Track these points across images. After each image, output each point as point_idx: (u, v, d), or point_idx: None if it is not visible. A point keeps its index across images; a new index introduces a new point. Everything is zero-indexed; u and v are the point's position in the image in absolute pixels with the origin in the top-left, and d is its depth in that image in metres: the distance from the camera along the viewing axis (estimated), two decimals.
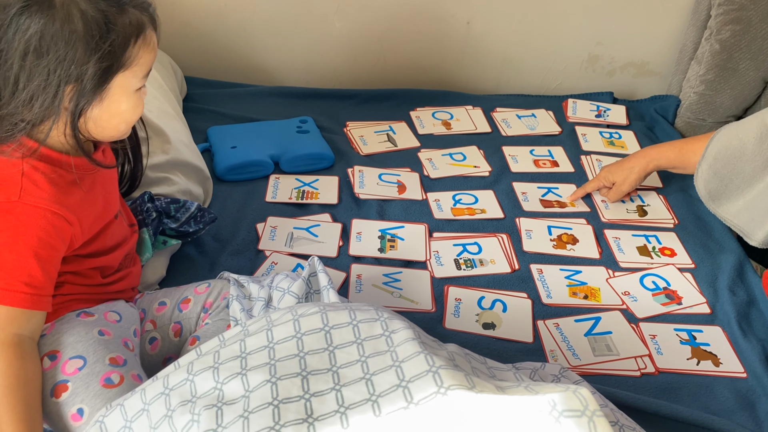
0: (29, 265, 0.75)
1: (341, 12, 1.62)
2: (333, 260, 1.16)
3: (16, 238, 0.75)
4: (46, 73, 0.72)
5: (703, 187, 1.20)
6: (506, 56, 1.71)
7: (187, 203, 1.11)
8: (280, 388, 0.67)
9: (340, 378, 0.68)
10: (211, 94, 1.58)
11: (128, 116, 0.80)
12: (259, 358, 0.71)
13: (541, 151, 1.48)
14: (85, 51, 0.72)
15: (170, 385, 0.71)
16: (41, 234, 0.76)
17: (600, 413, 0.59)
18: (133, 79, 0.78)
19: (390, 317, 0.75)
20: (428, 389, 0.63)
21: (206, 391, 0.69)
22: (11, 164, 0.77)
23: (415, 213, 1.28)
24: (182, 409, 0.68)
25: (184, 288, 0.98)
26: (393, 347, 0.70)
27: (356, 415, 0.63)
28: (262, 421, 0.64)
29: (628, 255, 1.22)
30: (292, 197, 1.29)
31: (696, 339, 1.06)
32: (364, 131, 1.51)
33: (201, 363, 0.72)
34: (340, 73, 1.71)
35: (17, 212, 0.76)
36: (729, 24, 1.50)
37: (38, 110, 0.74)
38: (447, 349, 0.75)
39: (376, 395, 0.65)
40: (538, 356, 1.01)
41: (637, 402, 0.93)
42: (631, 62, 1.73)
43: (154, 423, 0.69)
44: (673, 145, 1.27)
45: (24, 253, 0.75)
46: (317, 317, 0.75)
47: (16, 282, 0.75)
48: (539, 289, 1.14)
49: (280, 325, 0.74)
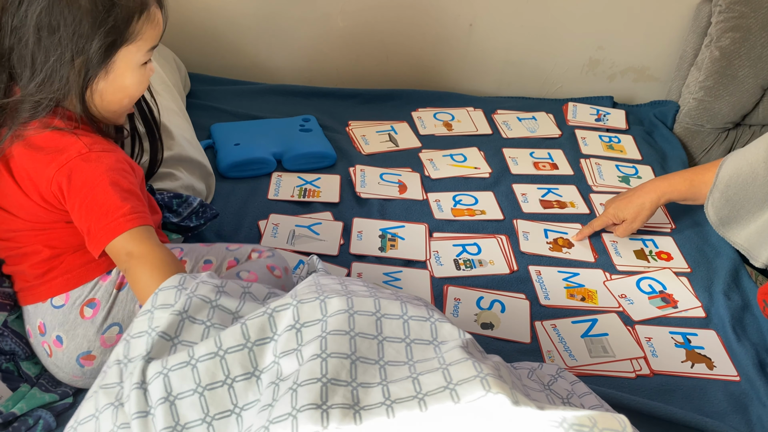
0: (127, 192, 0.81)
1: (345, 12, 1.63)
2: (334, 258, 1.17)
3: (104, 183, 0.80)
4: (60, 49, 0.77)
5: (713, 214, 1.18)
6: (508, 59, 1.72)
7: (190, 198, 1.12)
8: (329, 365, 0.67)
9: (387, 375, 0.68)
10: (214, 91, 1.59)
11: (132, 91, 0.84)
12: (312, 332, 0.71)
13: (541, 153, 1.49)
14: (92, 26, 0.77)
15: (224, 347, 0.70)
16: (120, 170, 0.82)
17: None
18: (137, 53, 0.82)
19: (440, 319, 0.75)
20: (476, 392, 0.64)
21: (267, 365, 0.69)
22: (60, 133, 0.82)
23: (415, 213, 1.29)
24: (245, 383, 0.69)
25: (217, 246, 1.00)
26: (441, 353, 0.71)
27: (403, 409, 0.64)
28: (310, 396, 0.64)
29: (625, 258, 1.23)
30: (294, 195, 1.30)
31: (691, 342, 1.08)
32: (366, 131, 1.52)
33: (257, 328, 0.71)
34: (343, 73, 1.72)
35: (93, 160, 0.81)
36: (729, 31, 1.51)
37: (59, 86, 0.78)
38: (492, 360, 0.75)
39: (423, 393, 0.65)
40: (535, 356, 1.03)
41: (633, 403, 0.94)
42: (632, 67, 1.74)
43: None
44: (683, 176, 1.21)
45: (116, 191, 0.80)
46: (370, 301, 0.74)
47: (131, 209, 0.80)
48: (537, 290, 1.15)
49: (334, 297, 0.73)
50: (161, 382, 0.67)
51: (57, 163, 0.81)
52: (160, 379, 0.67)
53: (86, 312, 0.87)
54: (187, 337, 0.72)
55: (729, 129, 1.64)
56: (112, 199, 0.80)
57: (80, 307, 0.87)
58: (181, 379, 0.68)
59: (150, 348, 0.70)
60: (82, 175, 0.80)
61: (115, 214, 0.79)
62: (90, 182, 0.80)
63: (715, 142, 1.64)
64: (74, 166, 0.80)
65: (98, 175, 0.80)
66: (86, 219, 0.80)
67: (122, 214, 0.79)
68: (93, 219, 0.80)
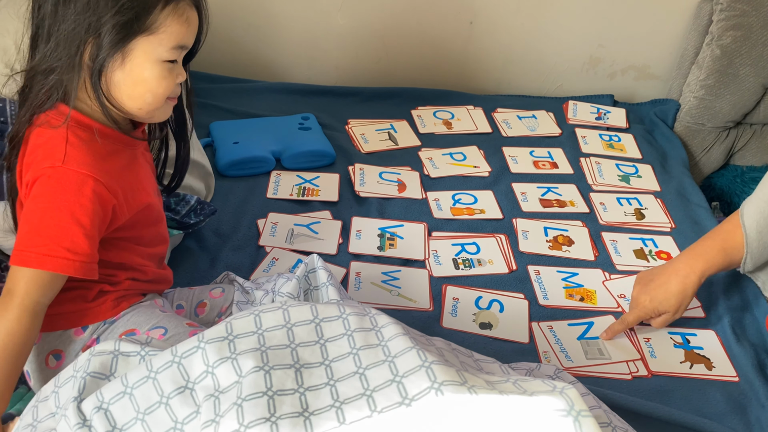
0: (71, 231, 0.75)
1: (345, 9, 1.63)
2: (333, 257, 1.17)
3: (59, 203, 0.75)
4: (73, 22, 0.74)
5: (752, 265, 1.09)
6: (508, 57, 1.72)
7: (187, 197, 1.12)
8: (273, 378, 0.67)
9: (334, 372, 0.69)
10: (213, 89, 1.58)
11: (153, 85, 0.78)
12: (248, 342, 0.70)
13: (541, 152, 1.49)
14: (106, 3, 0.74)
15: (155, 368, 0.70)
16: (83, 200, 0.76)
17: (587, 413, 0.60)
18: (158, 47, 0.77)
19: (377, 313, 0.76)
20: (422, 384, 0.64)
21: (198, 375, 0.69)
22: (57, 134, 0.78)
23: (414, 212, 1.29)
24: (180, 398, 0.68)
25: (199, 290, 0.98)
26: (384, 341, 0.71)
27: (352, 410, 0.64)
28: (257, 411, 0.64)
29: (625, 258, 1.23)
30: (293, 194, 1.30)
31: (690, 342, 1.08)
32: (366, 129, 1.51)
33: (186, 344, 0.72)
34: (343, 71, 1.72)
35: (60, 177, 0.76)
36: (730, 30, 1.51)
37: (63, 60, 0.75)
38: (435, 345, 0.76)
39: (371, 390, 0.66)
40: (533, 357, 1.03)
41: (631, 404, 0.94)
42: (632, 65, 1.74)
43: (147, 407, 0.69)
44: (714, 248, 1.07)
45: (66, 219, 0.75)
46: (307, 308, 0.74)
47: (58, 248, 0.74)
48: (536, 290, 1.15)
49: (268, 312, 0.74)
50: (103, 417, 0.67)
51: (33, 167, 0.77)
52: (101, 414, 0.68)
53: (50, 362, 0.85)
54: (123, 372, 0.72)
55: (730, 128, 1.64)
56: (55, 227, 0.75)
57: (46, 354, 0.84)
58: (122, 410, 0.68)
59: (81, 389, 0.70)
60: (47, 189, 0.76)
61: (45, 245, 0.75)
62: (50, 200, 0.76)
63: (716, 140, 1.64)
64: (43, 174, 0.76)
65: (62, 198, 0.76)
66: (24, 227, 0.76)
67: (48, 250, 0.74)
68: (26, 232, 0.76)
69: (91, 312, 0.85)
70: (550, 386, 0.63)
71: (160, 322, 0.85)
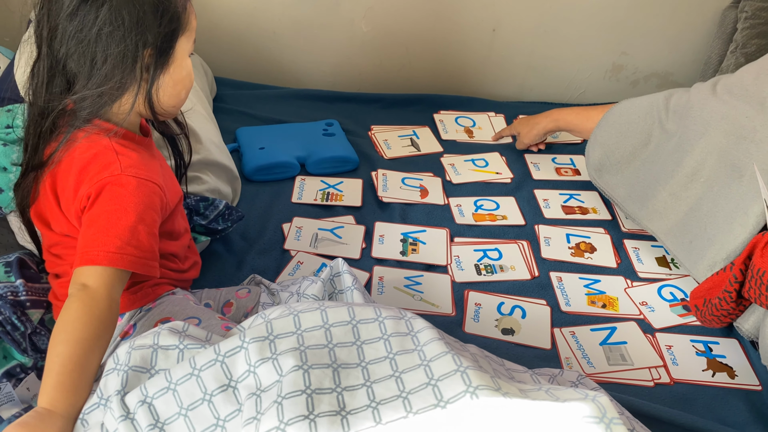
0: (137, 231, 0.79)
1: (368, 17, 1.65)
2: (356, 262, 1.18)
3: (126, 206, 0.79)
4: (123, 40, 0.76)
5: (591, 154, 1.26)
6: (530, 64, 1.72)
7: (216, 201, 1.14)
8: (312, 377, 0.68)
9: (370, 374, 0.70)
10: (239, 95, 1.61)
11: (187, 82, 0.85)
12: (288, 342, 0.72)
13: (563, 159, 1.49)
14: (154, 14, 0.77)
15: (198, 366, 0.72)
16: (146, 201, 0.81)
17: (618, 420, 0.61)
18: (187, 43, 0.83)
19: (413, 317, 0.77)
20: (457, 388, 0.65)
21: (241, 374, 0.70)
22: (100, 145, 0.81)
23: (437, 217, 1.30)
24: (223, 396, 0.70)
25: (226, 291, 1.01)
26: (420, 346, 0.72)
27: (388, 411, 0.65)
28: (297, 408, 0.65)
29: (647, 265, 1.23)
30: (317, 199, 1.32)
31: (712, 351, 1.07)
32: (388, 135, 1.53)
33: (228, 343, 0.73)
34: (366, 77, 1.74)
35: (123, 183, 0.80)
36: (755, 38, 1.50)
37: (119, 79, 0.77)
38: (469, 351, 0.78)
39: (407, 392, 0.67)
40: (555, 363, 1.03)
41: (653, 410, 0.94)
42: (655, 73, 1.73)
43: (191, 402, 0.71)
44: (577, 110, 1.37)
45: (132, 221, 0.79)
46: (344, 310, 0.76)
47: (127, 246, 0.78)
48: (558, 296, 1.15)
49: (307, 312, 0.76)
50: (147, 411, 0.69)
51: (91, 181, 0.80)
52: (145, 407, 0.70)
53: None
54: (163, 365, 0.74)
55: None
56: (123, 228, 0.78)
57: None
58: (165, 405, 0.70)
59: (125, 383, 0.72)
60: (112, 195, 0.79)
61: (114, 244, 0.77)
62: (115, 203, 0.79)
63: None
64: (107, 183, 0.80)
65: (127, 201, 0.79)
66: (89, 229, 0.79)
67: (117, 247, 0.77)
68: (94, 233, 0.78)
69: (128, 299, 0.88)
70: (582, 394, 0.64)
71: (194, 312, 0.88)
